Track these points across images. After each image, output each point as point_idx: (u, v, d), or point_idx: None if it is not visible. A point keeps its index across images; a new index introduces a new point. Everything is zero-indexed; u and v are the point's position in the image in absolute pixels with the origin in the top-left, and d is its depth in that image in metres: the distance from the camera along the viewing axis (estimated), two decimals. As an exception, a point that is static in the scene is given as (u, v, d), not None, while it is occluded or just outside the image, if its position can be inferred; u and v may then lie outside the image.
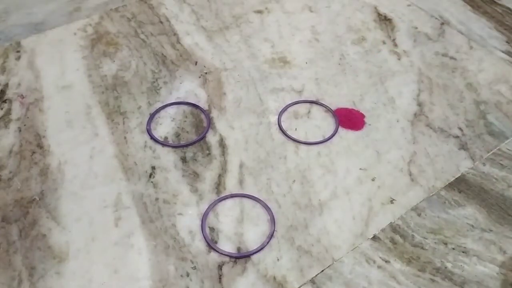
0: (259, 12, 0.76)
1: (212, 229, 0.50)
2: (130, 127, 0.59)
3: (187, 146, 0.57)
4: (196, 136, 0.58)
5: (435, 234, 0.50)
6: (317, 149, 0.58)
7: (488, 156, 0.57)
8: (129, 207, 0.52)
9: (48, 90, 0.63)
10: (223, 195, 0.53)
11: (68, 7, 0.77)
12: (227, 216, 0.51)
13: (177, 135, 0.59)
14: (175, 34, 0.72)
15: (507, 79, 0.66)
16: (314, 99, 0.63)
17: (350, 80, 0.66)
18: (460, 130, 0.60)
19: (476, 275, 0.47)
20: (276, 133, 0.59)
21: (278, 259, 0.48)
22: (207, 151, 0.57)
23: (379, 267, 0.48)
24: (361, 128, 0.60)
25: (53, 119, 0.60)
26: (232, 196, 0.53)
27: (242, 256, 0.48)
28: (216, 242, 0.49)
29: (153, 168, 0.55)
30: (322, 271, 0.47)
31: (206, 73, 0.66)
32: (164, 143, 0.58)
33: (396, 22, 0.74)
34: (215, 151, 0.57)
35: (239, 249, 0.49)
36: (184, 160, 0.56)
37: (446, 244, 0.49)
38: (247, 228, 0.50)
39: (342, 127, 0.60)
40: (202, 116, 0.61)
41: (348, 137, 0.59)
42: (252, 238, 0.49)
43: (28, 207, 0.51)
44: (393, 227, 0.51)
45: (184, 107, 0.62)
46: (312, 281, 0.47)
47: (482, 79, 0.66)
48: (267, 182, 0.54)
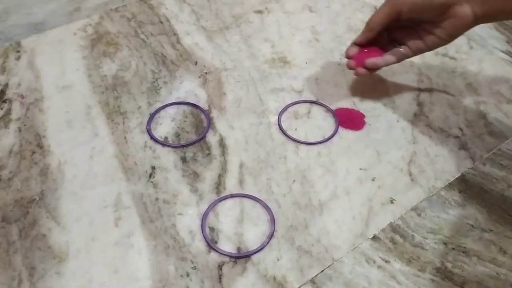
0: (259, 12, 0.76)
1: (212, 229, 0.50)
2: (130, 127, 0.59)
3: (187, 146, 0.57)
4: (196, 136, 0.58)
5: (435, 234, 0.50)
6: (317, 149, 0.58)
7: (488, 156, 0.57)
8: (129, 207, 0.52)
9: (48, 90, 0.63)
10: (223, 195, 0.53)
11: (68, 7, 0.77)
12: (227, 216, 0.51)
13: (177, 135, 0.59)
14: (175, 34, 0.72)
15: (507, 79, 0.66)
16: (314, 99, 0.63)
17: (350, 80, 0.66)
18: (460, 130, 0.60)
19: (476, 275, 0.47)
20: (276, 133, 0.59)
21: (278, 259, 0.48)
22: (207, 151, 0.57)
23: (379, 267, 0.48)
24: (361, 128, 0.60)
25: (53, 119, 0.60)
26: (232, 196, 0.53)
27: (242, 256, 0.48)
28: (216, 242, 0.49)
29: (153, 168, 0.55)
30: (322, 271, 0.47)
31: (206, 73, 0.66)
32: (164, 143, 0.58)
33: (396, 22, 0.74)
34: (215, 151, 0.57)
35: (239, 249, 0.49)
36: (184, 160, 0.56)
37: (446, 244, 0.49)
38: (247, 228, 0.50)
39: (342, 127, 0.60)
40: (202, 116, 0.61)
41: (348, 137, 0.59)
42: (252, 238, 0.49)
43: (28, 207, 0.51)
44: (393, 227, 0.51)
45: (184, 107, 0.62)
46: (312, 281, 0.47)
47: (482, 79, 0.66)
48: (267, 182, 0.54)
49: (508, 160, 0.57)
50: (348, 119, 0.61)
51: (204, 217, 0.51)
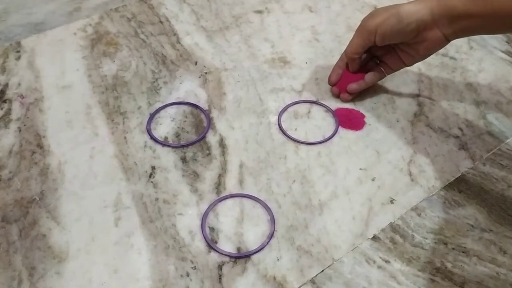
0: (259, 12, 0.76)
1: (212, 229, 0.50)
2: (130, 127, 0.59)
3: (187, 146, 0.57)
4: (196, 136, 0.58)
5: (435, 234, 0.50)
6: (317, 149, 0.58)
7: (488, 156, 0.57)
8: (129, 207, 0.52)
9: (48, 90, 0.63)
10: (223, 195, 0.53)
11: (68, 7, 0.77)
12: (227, 216, 0.51)
13: (177, 135, 0.59)
14: (175, 34, 0.72)
15: (507, 79, 0.66)
16: (314, 99, 0.63)
17: (350, 80, 0.66)
18: (460, 130, 0.60)
19: (476, 275, 0.47)
20: (276, 133, 0.59)
21: (278, 259, 0.48)
22: (207, 151, 0.57)
23: (379, 267, 0.48)
24: (361, 128, 0.60)
25: (53, 119, 0.60)
26: (232, 196, 0.53)
27: (242, 256, 0.48)
28: (216, 242, 0.49)
29: (153, 168, 0.55)
30: (322, 271, 0.47)
31: (206, 73, 0.66)
32: (164, 143, 0.58)
33: (396, 22, 0.74)
34: (215, 151, 0.57)
35: (239, 249, 0.49)
36: (184, 160, 0.56)
37: (446, 244, 0.49)
38: (247, 228, 0.50)
39: (342, 127, 0.60)
40: (202, 116, 0.61)
41: (348, 137, 0.59)
42: (252, 238, 0.49)
43: (28, 207, 0.51)
44: (393, 227, 0.51)
45: (184, 107, 0.62)
46: (312, 281, 0.47)
47: (482, 79, 0.66)
48: (267, 182, 0.54)
49: (508, 160, 0.57)
50: (348, 119, 0.61)
51: (204, 217, 0.51)
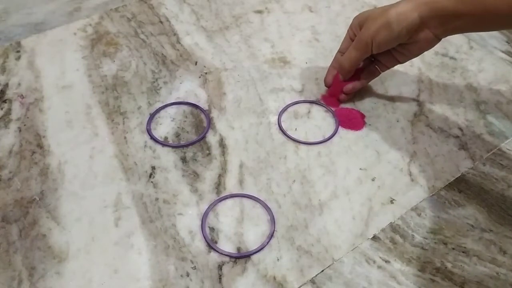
0: (259, 12, 0.76)
1: (212, 229, 0.50)
2: (130, 127, 0.59)
3: (187, 146, 0.57)
4: (196, 136, 0.58)
5: (435, 234, 0.50)
6: (317, 149, 0.58)
7: (488, 156, 0.57)
8: (129, 207, 0.52)
9: (48, 90, 0.63)
10: (223, 195, 0.53)
11: (68, 7, 0.77)
12: (227, 216, 0.51)
13: (177, 135, 0.59)
14: (175, 34, 0.72)
15: (507, 79, 0.66)
16: (314, 99, 0.63)
17: (350, 80, 0.66)
18: (460, 130, 0.60)
19: (476, 275, 0.47)
20: (276, 133, 0.59)
21: (278, 259, 0.48)
22: (207, 151, 0.57)
23: (379, 267, 0.48)
24: (361, 128, 0.60)
25: (53, 119, 0.60)
26: (232, 196, 0.53)
27: (242, 256, 0.48)
28: (216, 242, 0.49)
29: (153, 168, 0.55)
30: (322, 271, 0.47)
31: (206, 73, 0.66)
32: (164, 143, 0.58)
33: (396, 22, 0.74)
34: (215, 151, 0.57)
35: (239, 249, 0.49)
36: (184, 160, 0.56)
37: (446, 244, 0.49)
38: (247, 228, 0.50)
39: (342, 127, 0.60)
40: (202, 116, 0.61)
41: (348, 137, 0.59)
42: (252, 238, 0.49)
43: (28, 207, 0.51)
44: (393, 227, 0.51)
45: (184, 107, 0.62)
46: (312, 281, 0.47)
47: (482, 79, 0.66)
48: (267, 182, 0.54)
49: (508, 160, 0.57)
50: (348, 119, 0.61)
51: (204, 217, 0.51)
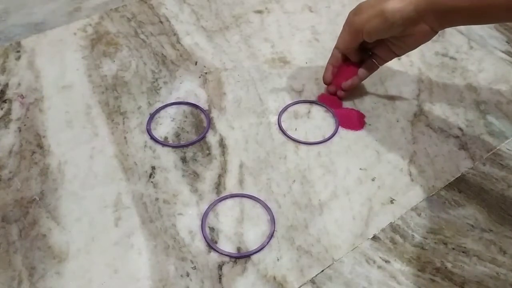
0: (259, 12, 0.76)
1: (212, 229, 0.50)
2: (130, 127, 0.59)
3: (187, 146, 0.57)
4: (196, 136, 0.58)
5: (435, 234, 0.50)
6: (317, 149, 0.58)
7: (488, 156, 0.57)
8: (129, 207, 0.52)
9: (48, 90, 0.63)
10: (223, 195, 0.53)
11: (68, 7, 0.77)
12: (227, 216, 0.51)
13: (177, 135, 0.59)
14: (175, 34, 0.72)
15: (507, 79, 0.66)
16: (314, 99, 0.63)
17: (350, 80, 0.66)
18: (460, 130, 0.60)
19: (476, 275, 0.47)
20: (276, 133, 0.59)
21: (278, 259, 0.48)
22: (207, 151, 0.57)
23: (379, 267, 0.48)
24: (361, 128, 0.60)
25: (53, 119, 0.60)
26: (232, 196, 0.53)
27: (242, 256, 0.48)
28: (216, 242, 0.49)
29: (153, 168, 0.55)
30: (322, 271, 0.47)
31: (206, 73, 0.66)
32: (164, 143, 0.58)
33: (396, 22, 0.74)
34: (215, 151, 0.57)
35: (239, 249, 0.49)
36: (184, 160, 0.56)
37: (446, 244, 0.49)
38: (247, 228, 0.50)
39: (342, 127, 0.60)
40: (202, 116, 0.61)
41: (348, 137, 0.59)
42: (252, 238, 0.49)
43: (28, 207, 0.51)
44: (393, 227, 0.51)
45: (184, 107, 0.62)
46: (312, 281, 0.47)
47: (482, 79, 0.66)
48: (267, 182, 0.54)
49: (508, 160, 0.57)
50: (348, 119, 0.61)
51: (204, 217, 0.51)
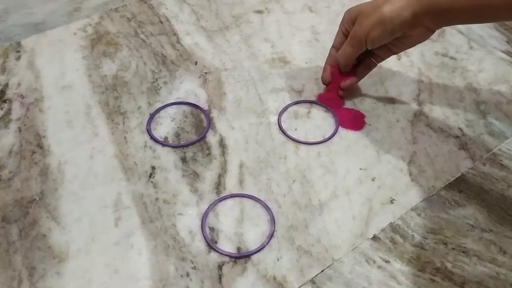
0: (259, 12, 0.76)
1: (212, 229, 0.50)
2: (130, 127, 0.59)
3: (187, 146, 0.57)
4: (196, 136, 0.58)
5: (435, 234, 0.50)
6: (317, 149, 0.58)
7: (488, 156, 0.57)
8: (129, 207, 0.52)
9: (48, 90, 0.63)
10: (223, 195, 0.53)
11: (68, 7, 0.77)
12: (227, 216, 0.51)
13: (177, 135, 0.59)
14: (175, 34, 0.72)
15: (507, 79, 0.66)
16: (314, 99, 0.63)
17: (350, 80, 0.66)
18: (460, 130, 0.60)
19: (476, 275, 0.47)
20: (276, 133, 0.59)
21: (278, 259, 0.48)
22: (207, 151, 0.57)
23: (379, 267, 0.48)
24: (361, 128, 0.60)
25: (53, 119, 0.60)
26: (232, 196, 0.53)
27: (242, 256, 0.48)
28: (216, 242, 0.49)
29: (153, 168, 0.55)
30: (322, 271, 0.47)
31: (206, 73, 0.66)
32: (164, 143, 0.58)
33: (396, 22, 0.74)
34: (215, 151, 0.57)
35: (239, 249, 0.49)
36: (184, 160, 0.56)
37: (446, 244, 0.49)
38: (247, 228, 0.50)
39: (342, 127, 0.60)
40: (202, 116, 0.61)
41: (348, 137, 0.59)
42: (252, 238, 0.49)
43: (28, 207, 0.51)
44: (393, 227, 0.51)
45: (184, 107, 0.62)
46: (312, 281, 0.47)
47: (482, 79, 0.66)
48: (267, 182, 0.54)
49: (508, 160, 0.57)
50: (348, 119, 0.61)
51: (204, 217, 0.51)
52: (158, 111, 0.61)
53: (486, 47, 0.71)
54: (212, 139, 0.58)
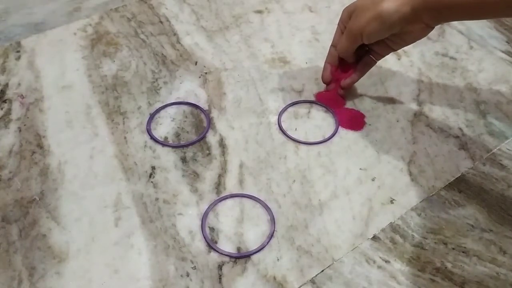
0: (259, 12, 0.76)
1: (212, 229, 0.50)
2: (130, 127, 0.59)
3: (187, 146, 0.57)
4: (196, 136, 0.58)
5: (435, 234, 0.50)
6: (317, 149, 0.58)
7: (488, 156, 0.57)
8: (129, 207, 0.52)
9: (48, 90, 0.63)
10: (223, 195, 0.53)
11: (68, 7, 0.77)
12: (227, 216, 0.51)
13: (177, 135, 0.59)
14: (175, 34, 0.72)
15: (507, 79, 0.66)
16: (314, 99, 0.63)
17: (350, 80, 0.66)
18: (460, 130, 0.60)
19: (476, 275, 0.47)
20: (276, 133, 0.59)
21: (278, 259, 0.48)
22: (207, 151, 0.57)
23: (379, 267, 0.48)
24: (361, 128, 0.60)
25: (53, 119, 0.60)
26: (232, 196, 0.53)
27: (242, 256, 0.48)
28: (216, 242, 0.49)
29: (153, 168, 0.55)
30: (322, 271, 0.47)
31: (206, 73, 0.66)
32: (164, 143, 0.58)
33: (396, 22, 0.74)
34: (215, 151, 0.57)
35: (239, 249, 0.49)
36: (184, 160, 0.56)
37: (446, 244, 0.49)
38: (247, 228, 0.50)
39: (342, 127, 0.60)
40: (202, 116, 0.61)
41: (348, 137, 0.59)
42: (252, 238, 0.49)
43: (28, 207, 0.51)
44: (393, 227, 0.51)
45: (184, 107, 0.62)
46: (312, 281, 0.47)
47: (482, 79, 0.66)
48: (267, 182, 0.54)
49: (508, 160, 0.57)
50: (348, 119, 0.61)
51: (204, 217, 0.51)
52: (158, 111, 0.61)
53: (486, 47, 0.71)
54: (212, 139, 0.58)
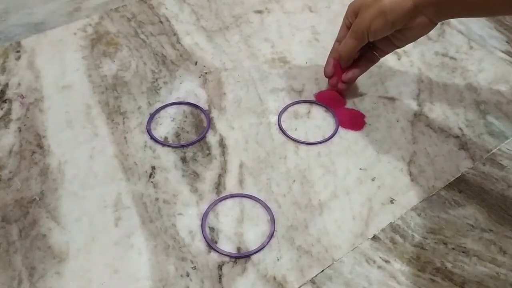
0: (259, 12, 0.76)
1: (212, 229, 0.50)
2: (130, 127, 0.59)
3: (187, 146, 0.57)
4: (196, 136, 0.58)
5: (435, 234, 0.50)
6: (317, 149, 0.58)
7: (488, 156, 0.57)
8: (129, 207, 0.52)
9: (48, 90, 0.63)
10: (223, 195, 0.53)
11: (68, 7, 0.77)
12: (227, 216, 0.51)
13: (177, 135, 0.59)
14: (175, 34, 0.72)
15: (507, 79, 0.66)
16: (314, 99, 0.63)
17: (350, 80, 0.66)
18: (460, 130, 0.60)
19: (476, 275, 0.47)
20: (276, 133, 0.59)
21: (278, 259, 0.48)
22: (207, 151, 0.57)
23: (379, 267, 0.48)
24: (361, 128, 0.60)
25: (53, 119, 0.60)
26: (232, 196, 0.53)
27: (242, 256, 0.48)
28: (216, 242, 0.49)
29: (153, 168, 0.55)
30: (322, 271, 0.47)
31: (206, 73, 0.66)
32: (164, 143, 0.58)
33: (396, 22, 0.74)
34: (215, 151, 0.57)
35: (239, 249, 0.49)
36: (184, 160, 0.56)
37: (446, 244, 0.49)
38: (247, 228, 0.50)
39: (342, 127, 0.60)
40: (202, 116, 0.61)
41: (348, 137, 0.59)
42: (252, 238, 0.49)
43: (28, 207, 0.51)
44: (393, 227, 0.51)
45: (184, 107, 0.62)
46: (312, 281, 0.47)
47: (482, 79, 0.66)
48: (267, 182, 0.54)
49: (508, 160, 0.57)
50: (348, 119, 0.61)
51: (204, 217, 0.51)
52: (158, 111, 0.61)
53: (486, 47, 0.71)
54: (212, 139, 0.58)
